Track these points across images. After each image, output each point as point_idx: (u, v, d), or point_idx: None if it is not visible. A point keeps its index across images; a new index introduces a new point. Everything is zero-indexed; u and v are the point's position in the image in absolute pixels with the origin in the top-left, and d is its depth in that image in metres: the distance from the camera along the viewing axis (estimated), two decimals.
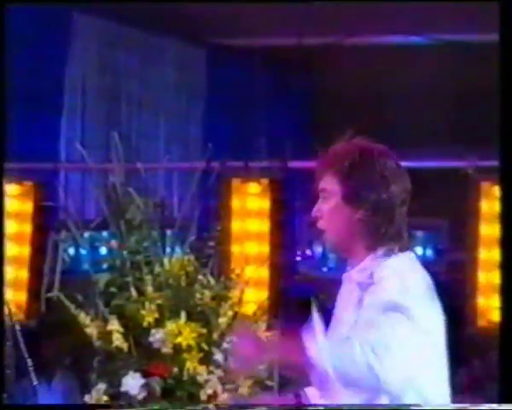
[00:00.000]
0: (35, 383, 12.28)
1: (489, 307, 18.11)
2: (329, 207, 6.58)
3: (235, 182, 13.52)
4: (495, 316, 17.42)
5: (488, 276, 17.95)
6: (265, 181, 12.71)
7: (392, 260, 7.14)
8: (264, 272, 12.39)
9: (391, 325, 6.52)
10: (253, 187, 13.44)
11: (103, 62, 14.80)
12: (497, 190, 15.37)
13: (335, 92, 16.60)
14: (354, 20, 17.03)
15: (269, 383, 9.88)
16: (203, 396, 10.17)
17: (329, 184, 6.51)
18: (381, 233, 6.67)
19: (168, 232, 10.70)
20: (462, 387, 17.46)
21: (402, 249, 7.26)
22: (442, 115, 19.49)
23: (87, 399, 10.29)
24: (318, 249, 19.61)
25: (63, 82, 14.77)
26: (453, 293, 16.70)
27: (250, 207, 13.29)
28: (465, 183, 15.71)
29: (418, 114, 18.64)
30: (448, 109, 19.57)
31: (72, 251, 12.47)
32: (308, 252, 20.82)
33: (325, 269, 20.52)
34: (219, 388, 10.10)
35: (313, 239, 7.67)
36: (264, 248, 12.98)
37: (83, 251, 12.23)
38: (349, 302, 7.23)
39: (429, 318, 7.14)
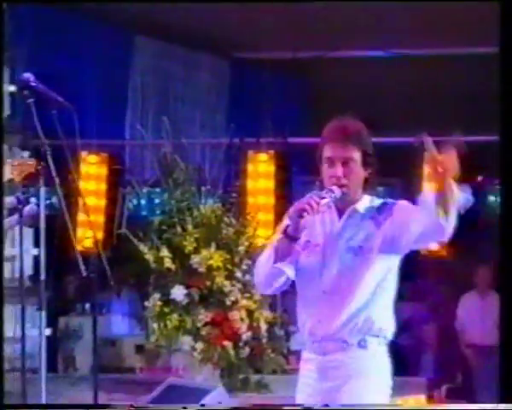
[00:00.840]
0: (111, 294, 12.46)
1: None
2: (353, 170, 5.90)
3: (250, 153, 13.38)
4: None
5: None
6: (271, 152, 12.75)
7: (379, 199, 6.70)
8: (269, 216, 12.66)
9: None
10: (263, 157, 13.33)
11: (156, 69, 14.78)
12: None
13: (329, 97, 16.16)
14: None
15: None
16: (228, 302, 10.28)
17: (352, 153, 5.87)
18: (374, 183, 6.44)
19: (203, 188, 10.69)
20: None
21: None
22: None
23: (146, 304, 10.50)
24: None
25: (129, 84, 14.75)
26: None
27: (260, 171, 13.22)
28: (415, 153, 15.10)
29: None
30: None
31: (135, 201, 12.76)
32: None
33: None
34: (239, 296, 10.25)
35: (305, 192, 7.64)
36: (270, 200, 12.94)
37: (142, 201, 12.96)
38: (357, 228, 6.20)
39: None
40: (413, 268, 13.07)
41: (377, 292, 5.76)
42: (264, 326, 10.15)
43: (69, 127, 7.33)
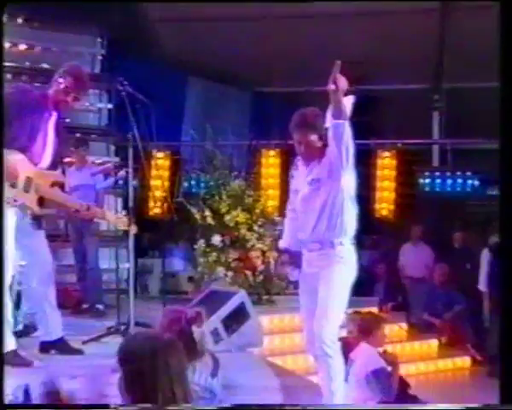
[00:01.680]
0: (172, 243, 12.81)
1: None
2: (311, 147, 5.54)
3: (263, 150, 13.23)
4: None
5: None
6: (277, 150, 12.95)
7: None
8: (276, 192, 12.75)
9: None
10: (271, 152, 13.20)
11: (202, 97, 14.87)
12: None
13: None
14: None
15: None
16: (248, 246, 10.47)
17: (310, 137, 5.56)
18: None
19: (232, 172, 10.96)
20: None
21: None
22: None
23: (195, 247, 10.67)
24: None
25: (185, 105, 14.98)
26: None
27: (270, 163, 13.17)
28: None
29: None
30: None
31: (188, 181, 13.01)
32: None
33: None
34: (256, 242, 10.41)
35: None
36: (276, 180, 12.93)
37: (193, 181, 13.02)
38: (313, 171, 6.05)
39: None
40: (371, 228, 13.17)
41: (332, 208, 5.66)
42: (272, 262, 10.19)
43: (147, 125, 7.73)
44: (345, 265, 5.71)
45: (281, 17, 12.45)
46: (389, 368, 7.28)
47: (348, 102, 5.33)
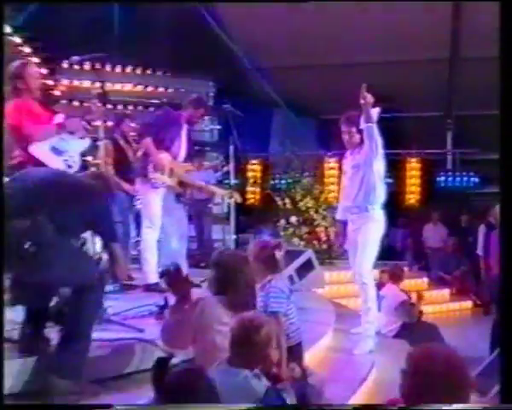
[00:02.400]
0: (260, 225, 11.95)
1: None
2: (352, 136, 5.49)
3: (325, 158, 13.01)
4: None
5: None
6: (335, 159, 12.54)
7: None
8: (333, 186, 12.32)
9: None
10: (331, 160, 12.93)
11: (283, 122, 14.24)
12: None
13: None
14: None
15: None
16: (315, 224, 10.44)
17: (351, 128, 5.45)
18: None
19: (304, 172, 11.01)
20: None
21: None
22: None
23: (278, 224, 10.52)
24: None
25: (271, 130, 14.56)
26: None
27: (330, 166, 12.97)
28: None
29: None
30: None
31: (274, 179, 12.73)
32: None
33: None
34: (321, 221, 10.38)
35: None
36: (335, 179, 12.50)
37: (277, 180, 12.62)
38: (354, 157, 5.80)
39: None
40: (403, 212, 13.28)
41: (367, 185, 5.54)
42: (332, 235, 9.79)
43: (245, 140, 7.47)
44: (376, 223, 5.61)
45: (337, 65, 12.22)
46: (411, 301, 7.34)
47: (374, 112, 5.24)
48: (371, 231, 5.57)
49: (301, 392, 3.48)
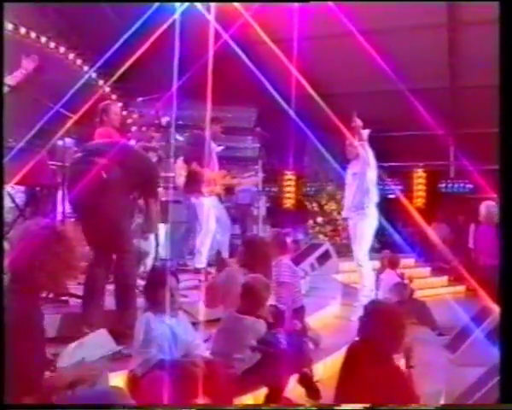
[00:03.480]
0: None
1: None
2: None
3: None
4: None
5: None
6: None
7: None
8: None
9: None
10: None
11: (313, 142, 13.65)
12: None
13: None
14: None
15: None
16: (337, 223, 10.48)
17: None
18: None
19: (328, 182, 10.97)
20: None
21: None
22: None
23: (307, 224, 10.56)
24: None
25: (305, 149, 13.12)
26: None
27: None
28: None
29: None
30: None
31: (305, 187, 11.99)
32: None
33: None
34: (340, 219, 10.06)
35: None
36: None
37: (308, 188, 11.80)
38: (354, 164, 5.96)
39: None
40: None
41: (362, 189, 5.68)
42: None
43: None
44: (370, 218, 5.79)
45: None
46: (404, 282, 7.27)
47: (365, 133, 5.51)
48: (366, 225, 5.81)
49: (300, 340, 3.79)
